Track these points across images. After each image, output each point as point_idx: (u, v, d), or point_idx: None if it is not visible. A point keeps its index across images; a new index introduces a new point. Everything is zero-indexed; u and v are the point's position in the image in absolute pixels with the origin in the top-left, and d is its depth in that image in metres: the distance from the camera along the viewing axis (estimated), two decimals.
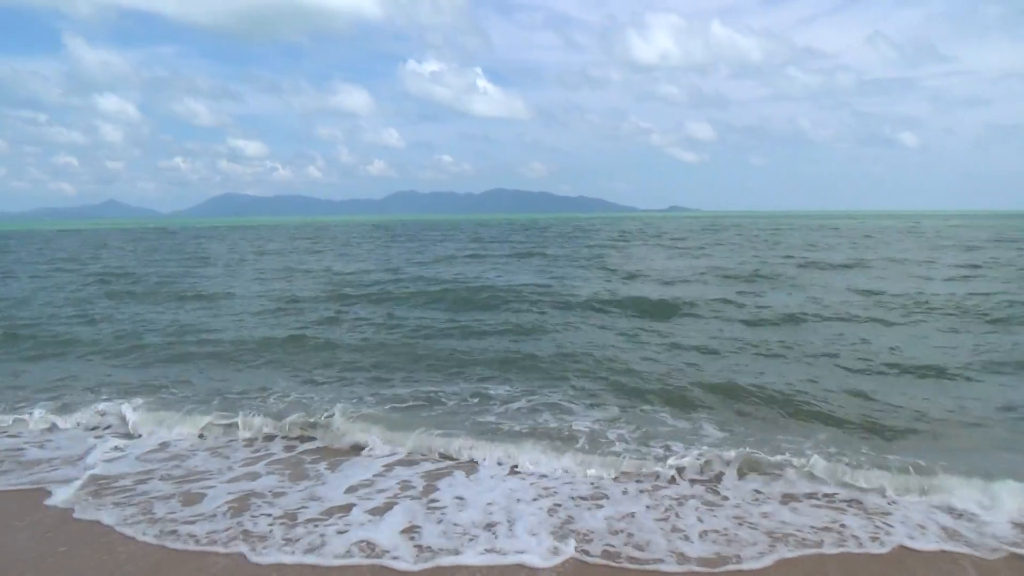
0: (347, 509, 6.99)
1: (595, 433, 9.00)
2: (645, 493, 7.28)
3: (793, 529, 6.39)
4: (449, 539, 6.30)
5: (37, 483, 7.82)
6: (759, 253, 40.71)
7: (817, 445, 8.33)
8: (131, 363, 13.85)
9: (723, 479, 7.63)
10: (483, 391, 11.11)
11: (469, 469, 8.08)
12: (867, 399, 10.29)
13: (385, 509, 6.99)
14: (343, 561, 5.94)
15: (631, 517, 6.68)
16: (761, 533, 6.32)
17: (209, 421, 9.66)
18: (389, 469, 8.13)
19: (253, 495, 7.39)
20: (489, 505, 7.04)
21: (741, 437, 8.78)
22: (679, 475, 7.72)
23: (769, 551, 5.98)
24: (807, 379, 11.42)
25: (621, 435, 8.90)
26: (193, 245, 60.95)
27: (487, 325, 16.91)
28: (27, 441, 9.34)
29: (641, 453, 8.23)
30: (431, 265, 34.56)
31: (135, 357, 14.31)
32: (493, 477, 7.84)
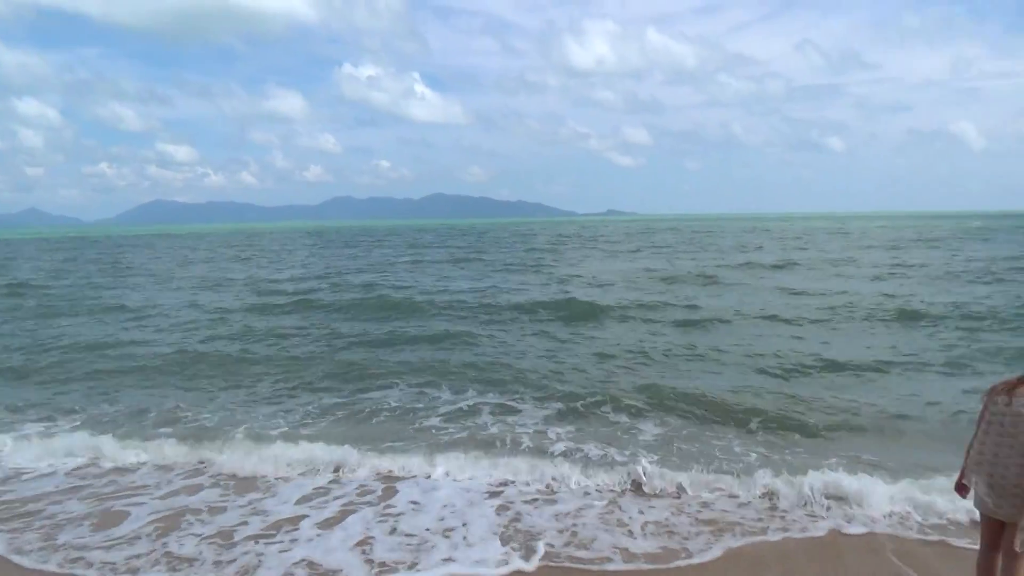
0: (296, 522, 6.62)
1: (535, 437, 8.99)
2: (589, 495, 7.24)
3: (737, 518, 6.57)
4: (404, 551, 6.01)
5: None
6: (693, 256, 41.23)
7: (750, 443, 8.59)
8: (29, 383, 12.79)
9: (660, 478, 7.63)
10: (417, 401, 10.88)
11: (415, 478, 7.79)
12: (793, 398, 10.44)
13: (337, 521, 6.64)
14: None
15: (580, 518, 6.65)
16: (704, 524, 6.47)
17: (128, 441, 8.97)
18: (335, 483, 7.72)
19: (188, 511, 6.91)
20: (442, 511, 6.84)
21: (674, 438, 8.91)
22: (626, 477, 7.66)
23: (716, 541, 6.13)
24: (737, 381, 11.57)
25: (560, 437, 8.97)
26: (114, 255, 58.18)
27: (419, 332, 16.47)
28: None
29: (582, 456, 8.26)
30: (363, 272, 33.78)
31: (36, 376, 13.24)
32: (436, 488, 7.52)
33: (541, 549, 5.98)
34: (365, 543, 6.15)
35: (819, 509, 6.71)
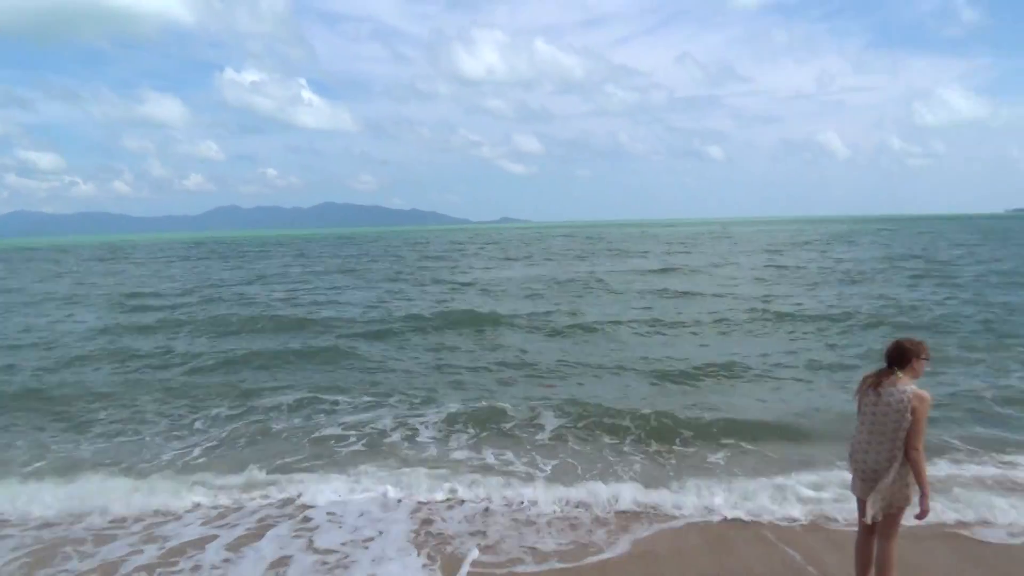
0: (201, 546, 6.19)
1: (434, 445, 8.96)
2: (493, 500, 7.23)
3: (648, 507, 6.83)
4: (323, 572, 5.75)
5: None
6: (587, 261, 41.98)
7: (637, 445, 8.82)
8: None
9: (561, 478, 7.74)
10: (310, 417, 10.38)
11: (320, 496, 7.36)
12: (670, 400, 10.70)
13: (248, 542, 6.27)
14: None
15: (488, 520, 6.70)
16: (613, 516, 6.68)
17: None
18: (236, 508, 7.13)
19: (68, 542, 6.28)
20: (358, 523, 6.66)
21: (566, 440, 9.05)
22: (529, 479, 7.74)
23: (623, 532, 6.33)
24: (619, 386, 11.74)
25: (460, 444, 8.96)
26: None
27: (305, 347, 15.55)
28: None
29: (481, 462, 8.30)
30: (245, 285, 31.93)
31: None
32: (346, 503, 7.21)
33: (465, 556, 5.93)
34: (281, 564, 5.88)
35: (709, 502, 6.88)
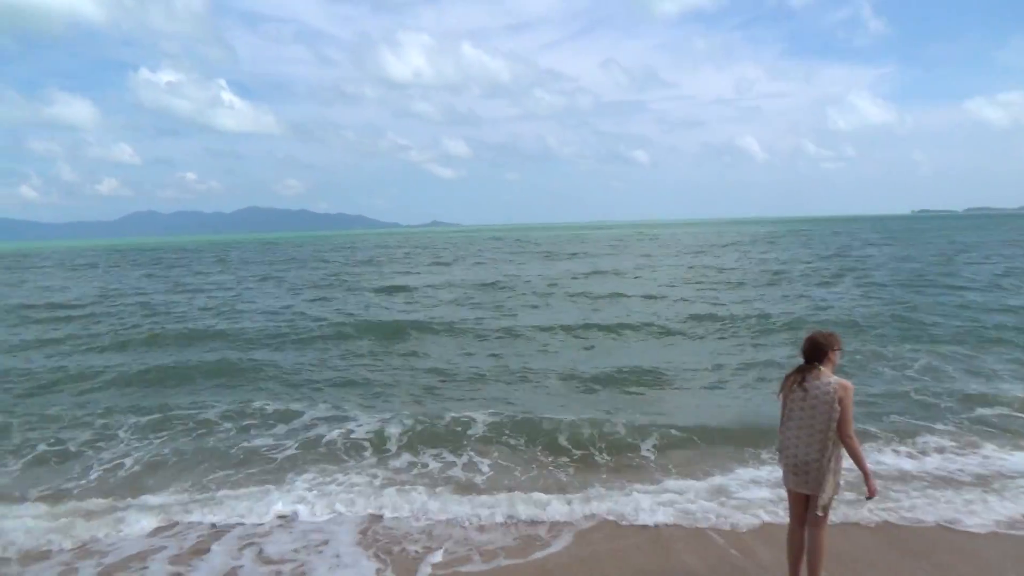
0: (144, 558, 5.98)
1: (364, 453, 8.80)
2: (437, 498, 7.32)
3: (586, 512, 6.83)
4: None
5: None
6: (512, 264, 42.02)
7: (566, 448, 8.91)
8: None
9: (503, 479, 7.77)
10: (238, 428, 10.01)
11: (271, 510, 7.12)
12: (599, 405, 10.70)
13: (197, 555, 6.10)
14: None
15: (432, 526, 6.69)
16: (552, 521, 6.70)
17: None
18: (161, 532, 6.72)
19: None
20: (307, 529, 6.62)
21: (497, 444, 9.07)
22: (466, 485, 7.76)
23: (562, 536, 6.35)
24: (549, 392, 11.73)
25: (395, 452, 8.83)
26: None
27: (221, 358, 14.75)
28: None
29: (423, 466, 8.31)
30: (156, 294, 29.60)
31: None
32: (292, 513, 7.04)
33: (421, 559, 6.00)
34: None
35: (644, 504, 6.95)
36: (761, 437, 8.57)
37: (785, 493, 5.13)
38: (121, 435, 9.76)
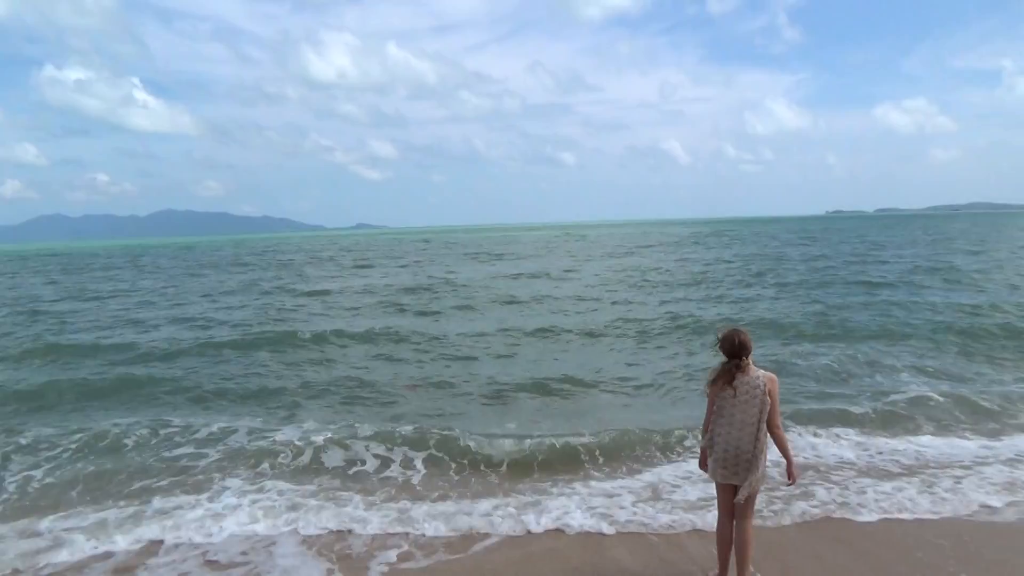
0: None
1: (289, 461, 8.35)
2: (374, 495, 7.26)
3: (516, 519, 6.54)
4: None
5: None
6: (438, 267, 41.54)
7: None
8: None
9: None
10: (154, 441, 9.34)
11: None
12: (523, 414, 10.34)
13: None
14: None
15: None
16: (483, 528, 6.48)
17: None
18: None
19: None
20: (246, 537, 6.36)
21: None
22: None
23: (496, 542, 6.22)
24: (469, 401, 11.21)
25: (322, 453, 8.55)
26: None
27: (127, 370, 13.74)
28: None
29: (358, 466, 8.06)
30: (57, 302, 27.66)
31: None
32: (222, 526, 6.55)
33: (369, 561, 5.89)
34: None
35: (577, 505, 6.91)
36: (689, 434, 8.52)
37: (714, 487, 5.20)
38: (14, 457, 8.74)
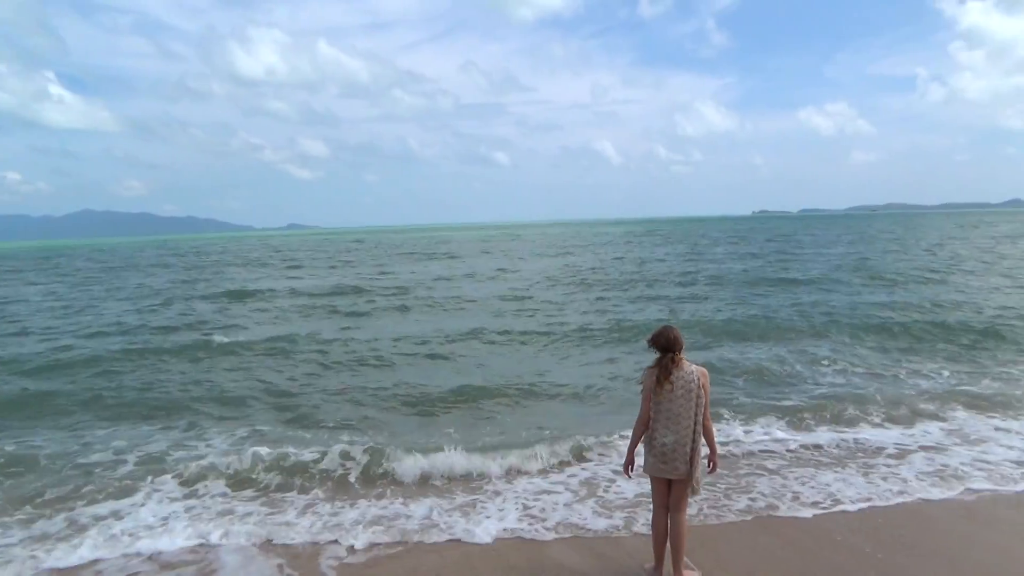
0: None
1: (213, 468, 8.00)
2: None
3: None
4: None
5: None
6: (368, 268, 40.87)
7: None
8: None
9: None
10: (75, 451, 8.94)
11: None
12: (445, 426, 9.89)
13: None
14: None
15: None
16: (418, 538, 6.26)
17: None
18: None
19: None
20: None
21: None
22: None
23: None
24: (399, 411, 10.73)
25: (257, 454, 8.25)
26: None
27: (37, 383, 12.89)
28: None
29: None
30: None
31: None
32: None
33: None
34: None
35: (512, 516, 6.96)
36: (621, 430, 8.61)
37: (648, 482, 5.31)
38: None
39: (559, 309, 20.55)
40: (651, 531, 5.32)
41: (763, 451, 8.24)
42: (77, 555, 6.00)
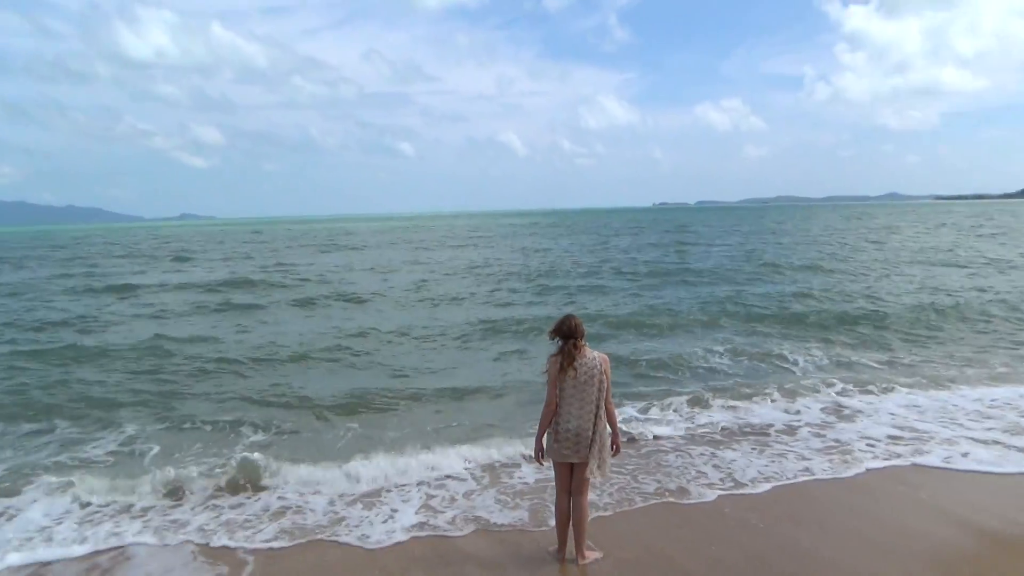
0: None
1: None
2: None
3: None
4: None
5: None
6: (266, 258, 39.28)
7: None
8: None
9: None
10: None
11: None
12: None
13: None
14: None
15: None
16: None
17: None
18: None
19: None
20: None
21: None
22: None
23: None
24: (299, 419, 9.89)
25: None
26: None
27: None
28: None
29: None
30: None
31: None
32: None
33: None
34: None
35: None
36: (526, 419, 8.68)
37: (552, 466, 5.34)
38: None
39: (463, 302, 20.34)
40: (555, 513, 5.40)
41: (665, 435, 8.41)
42: None
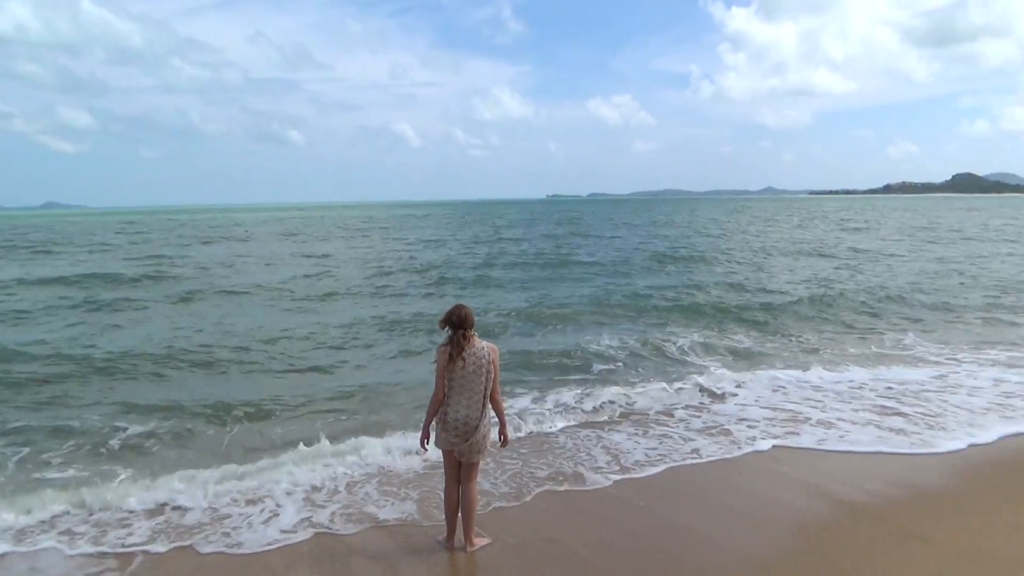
0: None
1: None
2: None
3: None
4: None
5: None
6: (140, 252, 36.48)
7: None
8: None
9: None
10: None
11: None
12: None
13: None
14: None
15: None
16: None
17: None
18: None
19: None
20: None
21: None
22: None
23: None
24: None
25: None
26: None
27: None
28: None
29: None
30: None
31: None
32: None
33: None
34: None
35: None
36: (415, 410, 8.69)
37: (441, 455, 5.40)
38: None
39: (354, 296, 19.79)
40: (444, 502, 5.46)
41: (556, 424, 8.59)
42: None
